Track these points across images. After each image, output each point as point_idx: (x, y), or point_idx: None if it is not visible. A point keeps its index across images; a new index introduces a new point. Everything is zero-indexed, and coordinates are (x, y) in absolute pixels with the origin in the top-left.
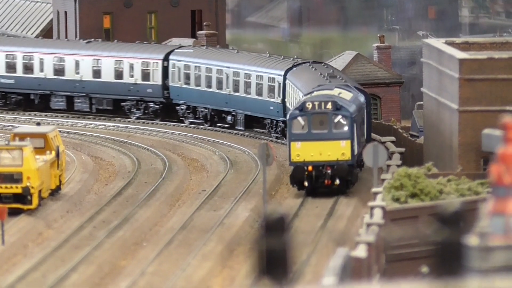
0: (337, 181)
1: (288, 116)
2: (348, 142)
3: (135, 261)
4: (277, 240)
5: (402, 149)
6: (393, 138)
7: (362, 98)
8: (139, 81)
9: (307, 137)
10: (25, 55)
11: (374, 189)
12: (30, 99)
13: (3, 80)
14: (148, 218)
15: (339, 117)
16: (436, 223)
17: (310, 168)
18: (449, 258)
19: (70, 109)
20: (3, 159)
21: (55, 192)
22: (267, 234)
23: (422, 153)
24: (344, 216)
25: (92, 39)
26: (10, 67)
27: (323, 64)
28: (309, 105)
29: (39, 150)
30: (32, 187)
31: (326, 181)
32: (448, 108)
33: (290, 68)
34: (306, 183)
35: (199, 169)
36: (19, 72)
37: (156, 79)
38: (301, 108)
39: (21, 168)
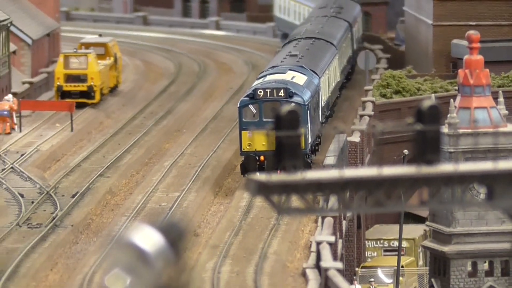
0: None
1: (238, 104)
2: (301, 131)
3: (176, 144)
4: (291, 131)
5: (388, 55)
6: (380, 46)
7: (316, 81)
8: None
9: (258, 126)
10: None
11: (366, 87)
12: None
13: None
14: (187, 110)
15: (292, 105)
16: (416, 115)
17: (262, 158)
18: (425, 143)
19: None
20: (72, 64)
21: (113, 89)
22: (281, 126)
23: (404, 58)
24: (341, 111)
25: None
26: None
27: None
28: (260, 93)
29: (100, 56)
30: (95, 86)
31: (278, 171)
32: (425, 23)
33: None
34: (257, 174)
35: (227, 71)
36: None
37: None
38: (252, 96)
39: (86, 70)
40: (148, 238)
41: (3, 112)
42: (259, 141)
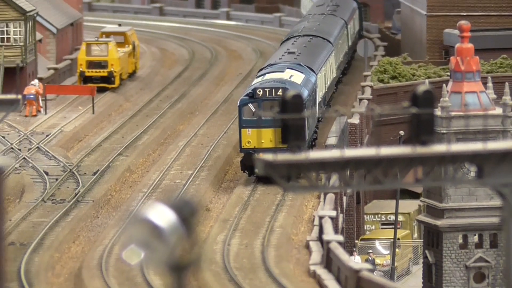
0: None
1: (238, 103)
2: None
3: (190, 125)
4: (295, 114)
5: (385, 43)
6: (378, 35)
7: (313, 79)
8: None
9: (257, 124)
10: None
11: (364, 73)
12: None
13: None
14: (200, 94)
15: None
16: (411, 98)
17: (261, 155)
18: (420, 124)
19: None
20: (94, 51)
21: (131, 75)
22: (286, 109)
23: (400, 46)
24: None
25: None
26: None
27: None
28: (259, 92)
29: (120, 44)
30: (115, 71)
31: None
32: (419, 14)
33: None
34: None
35: (237, 57)
36: None
37: None
38: (252, 95)
39: (107, 57)
40: (162, 215)
41: (30, 96)
42: (258, 138)
